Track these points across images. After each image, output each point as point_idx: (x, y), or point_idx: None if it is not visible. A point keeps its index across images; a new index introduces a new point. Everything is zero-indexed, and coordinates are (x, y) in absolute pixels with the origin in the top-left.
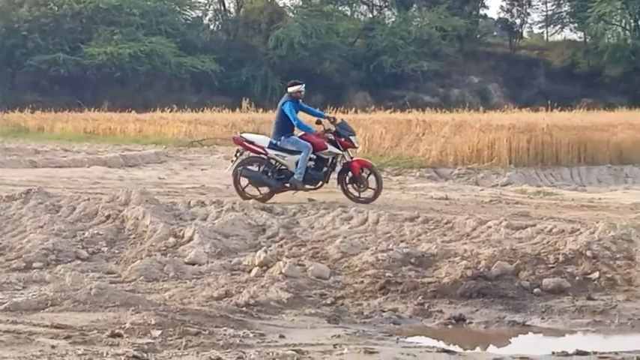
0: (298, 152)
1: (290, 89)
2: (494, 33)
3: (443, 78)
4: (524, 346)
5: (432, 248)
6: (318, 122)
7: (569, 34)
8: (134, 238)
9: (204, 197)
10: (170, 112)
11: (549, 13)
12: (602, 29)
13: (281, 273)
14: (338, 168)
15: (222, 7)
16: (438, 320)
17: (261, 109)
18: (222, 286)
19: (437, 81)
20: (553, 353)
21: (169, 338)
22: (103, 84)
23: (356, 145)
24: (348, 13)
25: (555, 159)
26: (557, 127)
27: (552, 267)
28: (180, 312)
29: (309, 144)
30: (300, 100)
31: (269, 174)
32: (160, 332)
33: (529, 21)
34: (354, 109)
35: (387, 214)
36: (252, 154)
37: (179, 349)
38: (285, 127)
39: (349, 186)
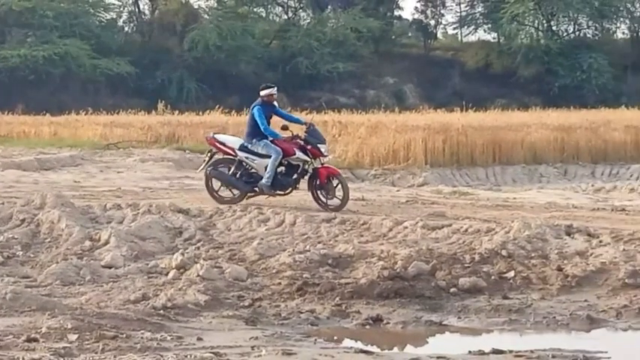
0: (268, 156)
1: (262, 93)
2: (409, 34)
3: (358, 79)
4: (441, 346)
5: (349, 249)
6: (285, 128)
7: (483, 34)
8: (50, 242)
9: (121, 200)
10: (85, 114)
11: (463, 14)
12: (515, 30)
13: (198, 275)
14: (308, 175)
15: (137, 9)
16: (355, 321)
17: (177, 111)
18: (139, 290)
19: (353, 82)
20: (470, 352)
21: (86, 342)
22: (16, 87)
23: (325, 153)
24: (264, 15)
25: (470, 159)
26: (472, 127)
27: (468, 266)
28: (96, 316)
29: (279, 149)
30: (276, 104)
31: (238, 176)
32: (76, 336)
33: (443, 22)
34: None
35: (304, 215)
36: (224, 155)
37: (96, 353)
38: (256, 130)
39: (318, 193)
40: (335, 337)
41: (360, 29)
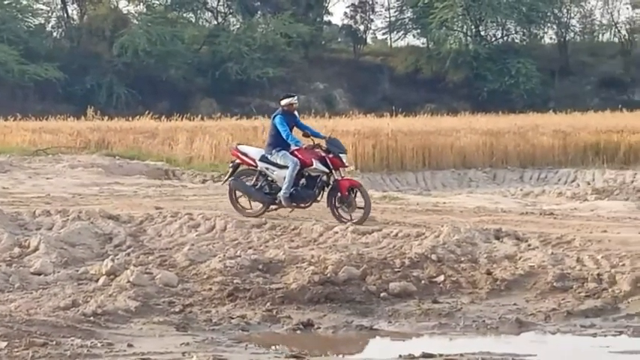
0: (287, 167)
1: (282, 102)
2: (339, 39)
3: (288, 84)
4: (371, 350)
5: (280, 254)
6: (306, 135)
7: (413, 40)
8: None
9: (50, 207)
10: (14, 120)
11: (392, 19)
12: (444, 35)
13: (129, 281)
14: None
15: (65, 15)
16: (286, 326)
17: (106, 117)
18: (69, 296)
19: (283, 87)
20: (400, 356)
21: (15, 350)
22: None
23: (346, 163)
24: (193, 20)
25: (400, 164)
26: (401, 132)
27: (398, 271)
28: (26, 323)
29: (296, 159)
30: (297, 114)
31: (258, 187)
32: (5, 344)
33: (373, 27)
34: (200, 115)
35: (235, 220)
36: (247, 167)
37: None
38: (277, 140)
39: (338, 206)
40: (266, 343)
41: (289, 34)
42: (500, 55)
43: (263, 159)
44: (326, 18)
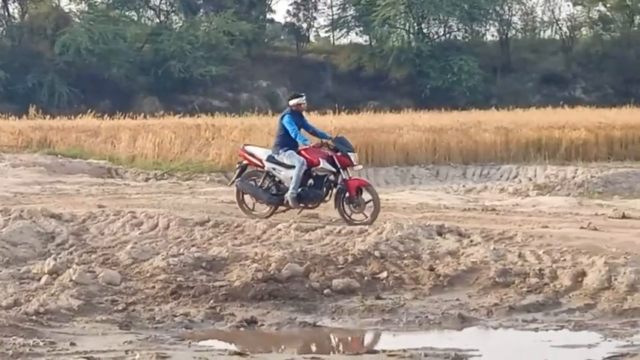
0: (294, 167)
1: (290, 102)
2: (282, 37)
3: (232, 82)
4: (315, 347)
5: (223, 252)
6: (314, 134)
7: (355, 37)
8: None
9: None
10: None
11: (335, 17)
12: (386, 33)
13: (71, 280)
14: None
15: (6, 13)
16: (230, 323)
17: (48, 116)
18: (11, 295)
19: (226, 85)
20: (344, 353)
21: None
22: None
23: (355, 163)
24: (135, 19)
25: None
26: (344, 129)
27: (342, 268)
28: None
29: (302, 159)
30: (304, 114)
31: (265, 188)
32: None
33: (316, 25)
34: (142, 114)
35: (178, 218)
36: (255, 167)
37: None
38: (285, 140)
39: (345, 207)
40: (209, 340)
41: (232, 32)
42: (443, 53)
43: (270, 159)
44: (269, 16)
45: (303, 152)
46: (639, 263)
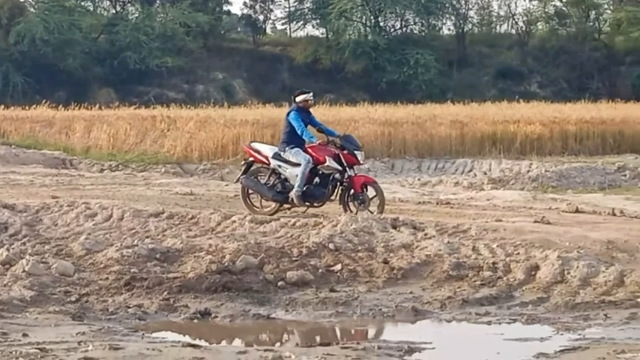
0: (299, 165)
1: (297, 99)
2: (238, 29)
3: (187, 74)
4: (269, 339)
5: (177, 243)
6: (321, 131)
7: (312, 30)
8: None
9: None
10: None
11: (292, 9)
12: (343, 26)
13: (24, 271)
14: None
15: None
16: (183, 315)
17: (2, 106)
18: None
19: (182, 77)
20: (297, 344)
21: None
22: None
23: (361, 161)
24: (91, 9)
25: None
26: None
27: (296, 260)
28: None
29: (308, 157)
30: (311, 112)
31: (270, 185)
32: None
33: (272, 17)
34: (98, 105)
35: (132, 210)
36: (261, 165)
37: None
38: (291, 137)
39: (350, 204)
40: (163, 332)
41: (188, 24)
42: (399, 46)
43: (276, 156)
44: (225, 7)
45: (309, 150)
46: (592, 257)
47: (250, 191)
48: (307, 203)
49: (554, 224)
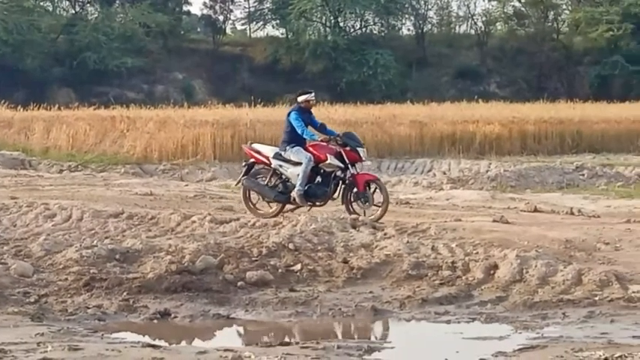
0: (301, 164)
1: (299, 99)
2: (198, 29)
3: (147, 74)
4: (228, 339)
5: (137, 244)
6: (320, 131)
7: (272, 30)
8: None
9: None
10: None
11: (252, 9)
12: (303, 26)
13: None
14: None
15: None
16: (143, 315)
17: None
18: None
19: (141, 77)
20: (257, 344)
21: None
22: None
23: (363, 158)
24: (50, 9)
25: None
26: (260, 122)
27: (256, 260)
28: None
29: (309, 155)
30: (312, 112)
31: (271, 186)
32: None
33: (232, 17)
34: (57, 105)
35: (91, 210)
36: (263, 165)
37: None
38: (292, 136)
39: (353, 202)
40: (122, 332)
41: (148, 24)
42: (359, 46)
43: (277, 156)
44: (185, 8)
45: (310, 148)
46: (550, 256)
47: (252, 193)
48: (309, 202)
49: (513, 224)
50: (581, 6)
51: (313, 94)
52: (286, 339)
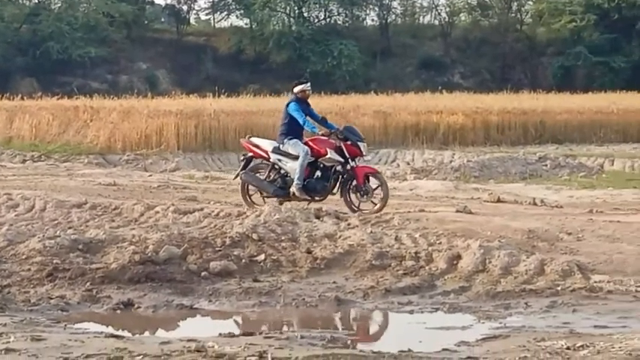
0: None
1: (295, 89)
2: (162, 19)
3: (111, 64)
4: (192, 329)
5: (100, 234)
6: (321, 122)
7: (236, 20)
8: None
9: None
10: None
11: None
12: (267, 16)
13: None
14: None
15: None
16: (106, 306)
17: None
18: None
19: (105, 67)
20: (220, 335)
21: None
22: None
23: (364, 152)
24: None
25: (223, 144)
26: (224, 112)
27: (219, 250)
28: None
29: (307, 148)
30: (309, 103)
31: (270, 180)
32: None
33: (196, 7)
34: (20, 95)
35: (55, 200)
36: (262, 160)
37: None
38: (290, 128)
39: (352, 195)
40: (85, 322)
41: (112, 14)
42: (323, 37)
43: (275, 150)
44: None
45: (309, 143)
46: (513, 246)
47: (250, 187)
48: (309, 197)
49: (476, 214)
50: None
51: (309, 84)
52: (250, 329)
